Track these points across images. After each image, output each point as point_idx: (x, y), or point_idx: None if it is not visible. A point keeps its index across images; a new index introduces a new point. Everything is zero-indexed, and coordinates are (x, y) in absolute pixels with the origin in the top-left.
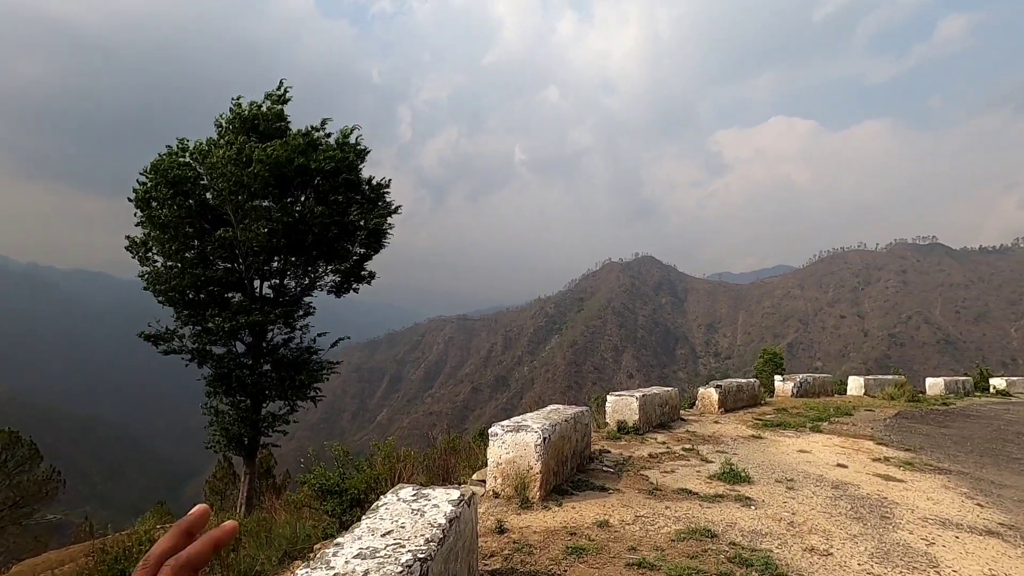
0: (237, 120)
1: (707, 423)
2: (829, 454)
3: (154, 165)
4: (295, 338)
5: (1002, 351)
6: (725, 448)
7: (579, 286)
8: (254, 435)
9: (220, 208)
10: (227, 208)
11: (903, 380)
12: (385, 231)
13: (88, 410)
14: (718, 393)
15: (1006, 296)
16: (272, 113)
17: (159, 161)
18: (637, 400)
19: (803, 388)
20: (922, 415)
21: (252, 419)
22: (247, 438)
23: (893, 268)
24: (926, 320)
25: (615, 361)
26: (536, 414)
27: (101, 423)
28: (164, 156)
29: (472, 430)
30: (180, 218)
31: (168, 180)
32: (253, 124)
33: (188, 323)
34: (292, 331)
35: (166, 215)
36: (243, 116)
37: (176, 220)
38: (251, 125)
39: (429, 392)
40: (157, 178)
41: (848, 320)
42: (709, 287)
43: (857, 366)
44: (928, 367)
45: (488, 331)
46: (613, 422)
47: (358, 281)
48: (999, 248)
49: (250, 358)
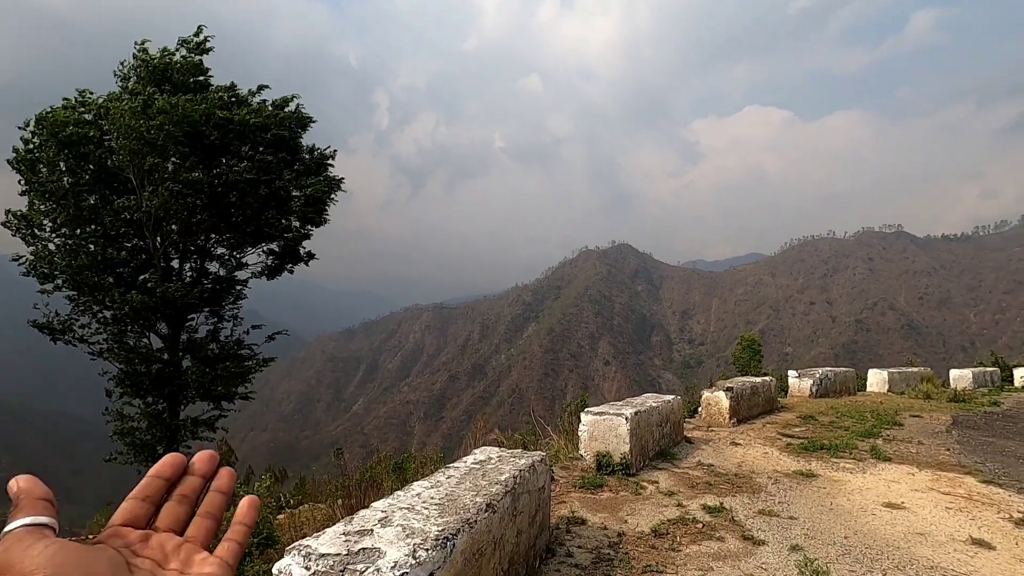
0: (143, 69)
1: (723, 445)
2: (936, 512)
3: (40, 119)
4: (224, 329)
5: (961, 335)
6: (770, 503)
7: (556, 274)
8: (171, 443)
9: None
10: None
11: (930, 373)
12: (326, 201)
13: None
14: (729, 399)
15: (966, 283)
16: (188, 64)
17: (47, 115)
18: (627, 421)
19: (823, 386)
20: (983, 422)
21: (168, 424)
22: (161, 447)
23: (860, 256)
24: (891, 306)
25: (591, 348)
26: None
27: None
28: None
29: (448, 419)
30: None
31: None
32: (164, 75)
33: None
34: (220, 321)
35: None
36: (151, 65)
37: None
38: (162, 76)
39: (406, 381)
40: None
41: (817, 306)
42: (684, 275)
43: (825, 351)
44: (892, 352)
45: (465, 319)
46: (590, 454)
47: (295, 261)
48: (960, 236)
49: (166, 351)
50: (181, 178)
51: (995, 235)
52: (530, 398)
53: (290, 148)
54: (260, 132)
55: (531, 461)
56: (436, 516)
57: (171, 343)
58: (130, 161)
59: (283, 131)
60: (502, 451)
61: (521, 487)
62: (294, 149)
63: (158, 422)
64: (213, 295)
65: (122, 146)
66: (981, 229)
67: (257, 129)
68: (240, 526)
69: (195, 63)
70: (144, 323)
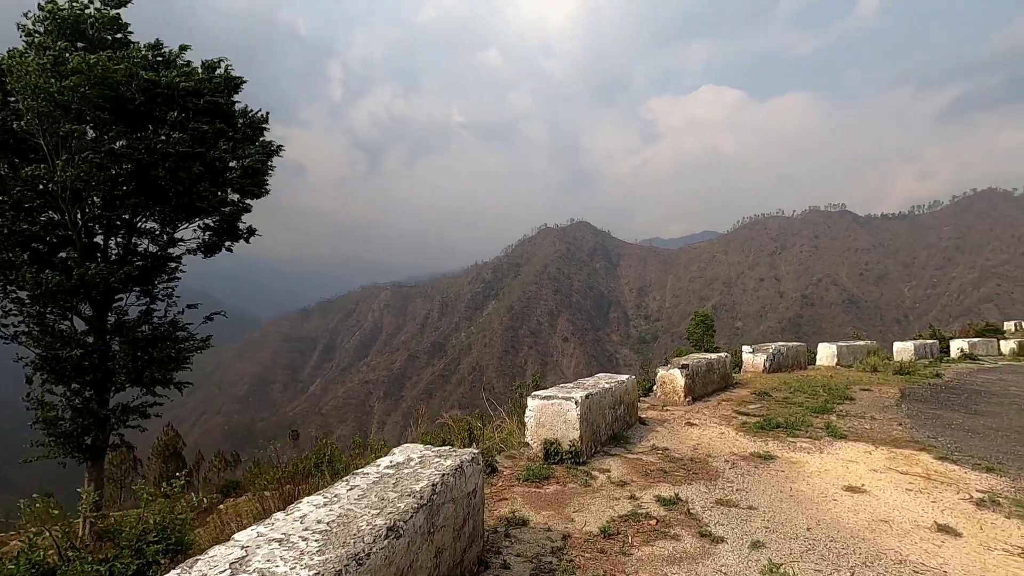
0: (51, 21)
1: (678, 426)
2: (897, 495)
3: None
4: (157, 310)
5: (896, 309)
6: (728, 491)
7: (516, 252)
8: (99, 433)
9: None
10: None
11: (876, 347)
12: (264, 171)
13: None
14: (685, 376)
15: (902, 259)
16: (103, 18)
17: None
18: (577, 406)
19: (776, 361)
20: (929, 394)
21: (96, 413)
22: (89, 436)
23: (807, 234)
24: (834, 282)
25: (551, 325)
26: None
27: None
28: None
29: (408, 397)
30: None
31: None
32: (77, 30)
33: None
34: (153, 301)
35: None
36: (60, 18)
37: None
38: (73, 31)
39: (364, 361)
40: None
41: (766, 283)
42: (641, 252)
43: (773, 325)
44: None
45: (424, 298)
46: (537, 442)
47: (233, 238)
48: (898, 215)
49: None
50: (103, 148)
51: (928, 214)
52: (490, 375)
53: (225, 115)
54: (192, 97)
55: (459, 461)
56: (315, 552)
57: (96, 326)
58: (40, 126)
59: (218, 97)
60: (426, 450)
61: (443, 496)
62: (229, 116)
63: (84, 411)
64: (143, 273)
65: (29, 108)
66: (917, 208)
67: (188, 94)
68: None
69: (111, 17)
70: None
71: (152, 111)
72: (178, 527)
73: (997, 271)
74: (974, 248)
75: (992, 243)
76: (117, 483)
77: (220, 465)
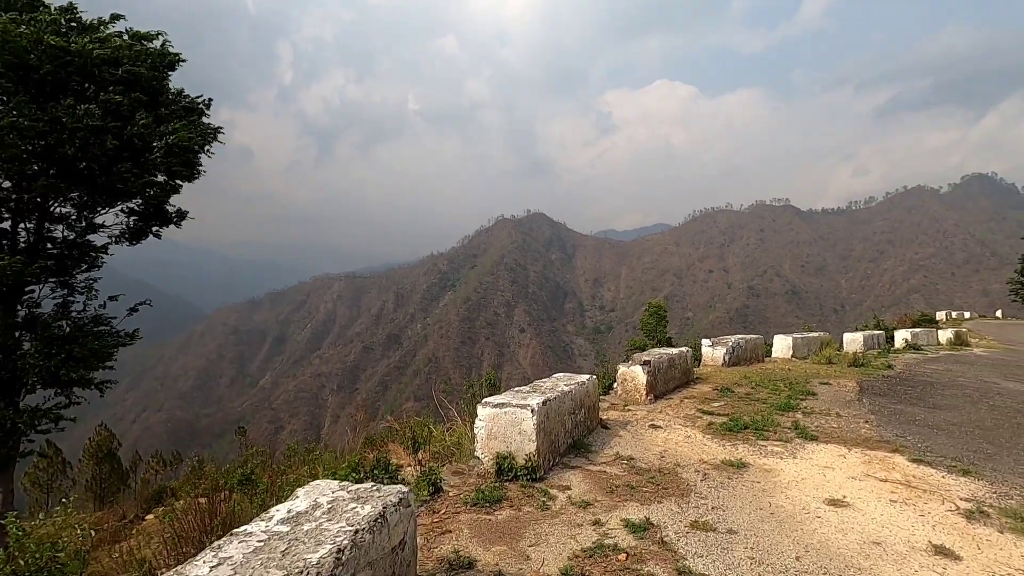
0: None
1: (641, 428)
2: (883, 508)
3: None
4: (76, 303)
5: (834, 299)
6: (703, 510)
7: (472, 242)
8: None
9: None
10: None
11: (829, 338)
12: (194, 150)
13: None
14: (647, 374)
15: (840, 252)
16: None
17: None
18: (533, 414)
19: (735, 355)
20: (886, 387)
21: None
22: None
23: (753, 227)
24: (778, 273)
25: (507, 316)
26: None
27: None
28: None
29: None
30: None
31: None
32: None
33: None
34: (71, 293)
35: None
36: None
37: None
38: None
39: (317, 353)
40: None
41: (715, 274)
42: (595, 244)
43: (721, 315)
44: (779, 315)
45: (379, 289)
46: (488, 456)
47: (162, 223)
48: (836, 210)
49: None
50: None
51: (864, 210)
52: (447, 367)
53: (149, 89)
54: (108, 67)
55: (381, 507)
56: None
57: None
58: None
59: (139, 67)
60: (340, 490)
61: (354, 564)
62: (155, 91)
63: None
64: (58, 264)
65: None
66: (854, 204)
67: (104, 63)
68: None
69: None
70: None
71: (63, 81)
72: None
73: (924, 264)
74: (903, 242)
75: (920, 237)
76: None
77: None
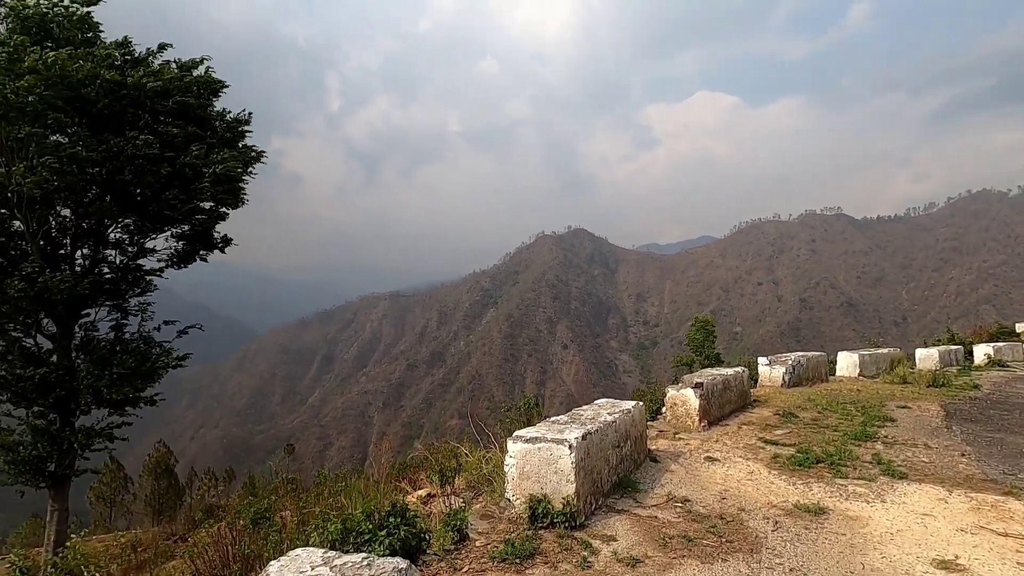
0: (13, 18)
1: (696, 461)
2: None
3: None
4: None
5: (895, 311)
6: (778, 573)
7: (514, 260)
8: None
9: None
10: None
11: (901, 355)
12: (240, 177)
13: None
14: (699, 397)
15: (899, 261)
16: (74, 17)
17: None
18: (571, 451)
19: (796, 374)
20: (976, 411)
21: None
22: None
23: (804, 237)
24: (832, 285)
25: (550, 333)
26: None
27: None
28: None
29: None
30: None
31: None
32: (44, 28)
33: None
34: (124, 316)
35: None
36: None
37: None
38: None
39: (363, 371)
40: None
41: (765, 287)
42: (638, 258)
43: (772, 330)
44: (834, 328)
45: (422, 307)
46: (520, 499)
47: (207, 248)
48: (893, 218)
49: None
50: (63, 153)
51: (924, 216)
52: (490, 384)
53: (198, 119)
54: (160, 99)
55: None
56: None
57: (62, 343)
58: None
59: (188, 97)
60: (324, 564)
61: None
62: (203, 120)
63: (46, 434)
64: (112, 286)
65: None
66: (912, 211)
67: (156, 95)
68: None
69: (81, 16)
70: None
71: (119, 113)
72: None
73: (994, 272)
74: (971, 249)
75: (988, 244)
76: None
77: (210, 484)
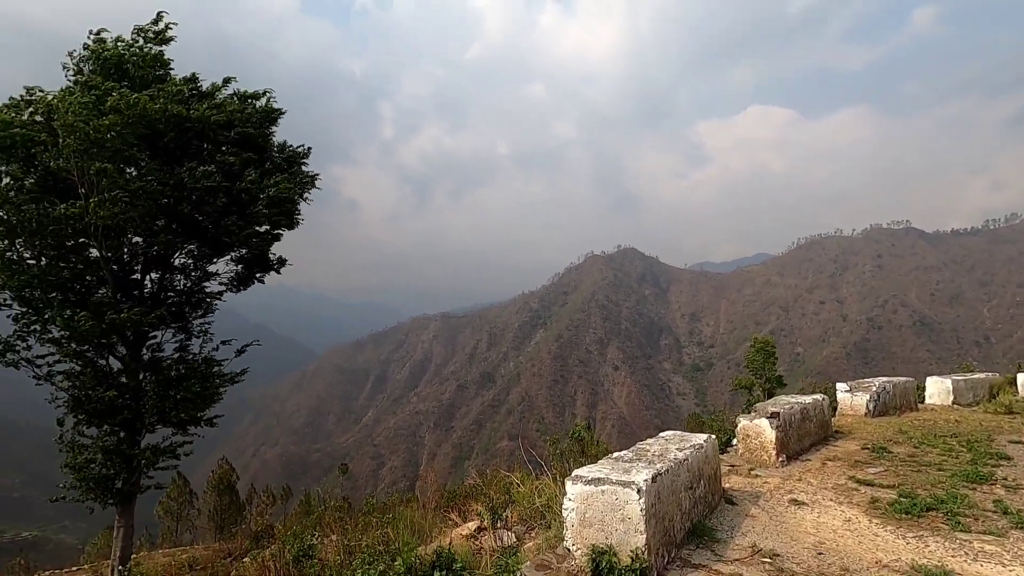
0: (94, 60)
1: (779, 505)
2: None
3: None
4: (191, 346)
5: (975, 331)
6: None
7: (563, 280)
8: (129, 476)
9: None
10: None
11: (1001, 380)
12: (295, 201)
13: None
14: (775, 428)
15: (978, 277)
16: (148, 56)
17: None
18: (640, 496)
19: (881, 402)
20: None
21: (126, 454)
22: (120, 480)
23: (869, 253)
24: (902, 303)
25: (600, 354)
26: None
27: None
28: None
29: (458, 428)
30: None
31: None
32: (120, 68)
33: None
34: (188, 338)
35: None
36: (103, 56)
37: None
38: (117, 68)
39: (415, 391)
40: None
41: (828, 305)
42: (691, 277)
43: (837, 351)
44: (906, 349)
45: (472, 328)
46: (581, 549)
47: (264, 270)
48: (970, 230)
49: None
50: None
51: (1006, 228)
52: (540, 406)
53: (257, 147)
54: (222, 130)
55: None
56: None
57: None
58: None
59: (249, 128)
60: None
61: None
62: (261, 148)
63: (115, 453)
64: (177, 310)
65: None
66: (992, 222)
67: (219, 127)
68: None
69: (154, 55)
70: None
71: (184, 145)
72: None
73: None
74: None
75: None
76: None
77: (268, 501)
